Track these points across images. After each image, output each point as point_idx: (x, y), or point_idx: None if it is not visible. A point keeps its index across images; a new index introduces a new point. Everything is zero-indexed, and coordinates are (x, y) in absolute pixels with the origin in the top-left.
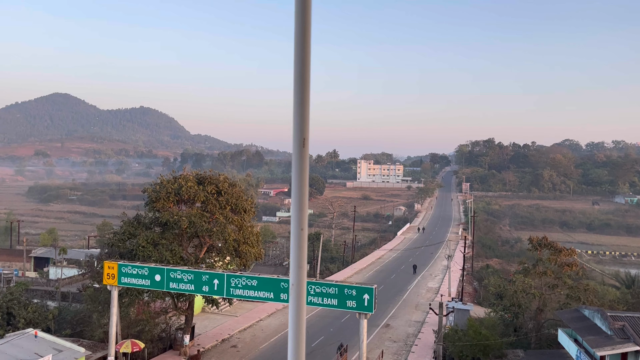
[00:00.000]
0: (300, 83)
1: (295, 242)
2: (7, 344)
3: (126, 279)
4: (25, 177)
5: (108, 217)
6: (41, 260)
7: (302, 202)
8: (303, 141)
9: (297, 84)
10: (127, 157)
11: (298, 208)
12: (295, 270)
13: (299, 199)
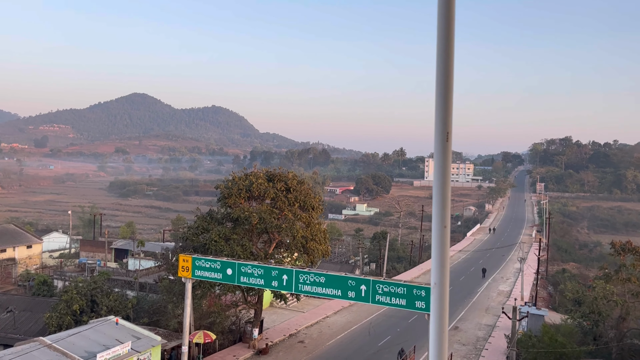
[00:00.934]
0: (443, 74)
1: (437, 240)
2: (91, 329)
3: (199, 272)
4: (106, 172)
5: (182, 212)
6: (121, 252)
7: (444, 198)
8: (447, 135)
9: (440, 76)
10: (200, 154)
11: (440, 205)
12: (438, 270)
13: (441, 195)
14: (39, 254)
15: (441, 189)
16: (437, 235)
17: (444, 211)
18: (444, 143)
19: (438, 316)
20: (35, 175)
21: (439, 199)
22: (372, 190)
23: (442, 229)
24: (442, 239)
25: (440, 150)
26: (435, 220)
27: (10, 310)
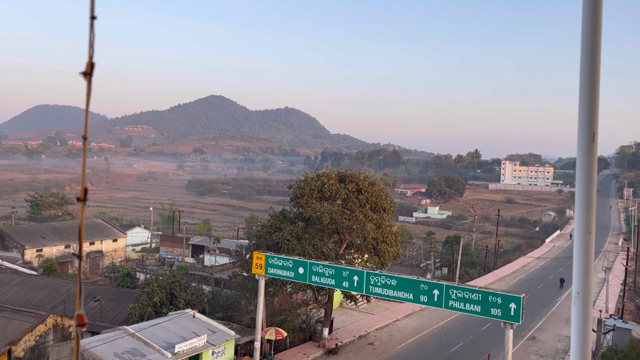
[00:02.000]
0: (589, 72)
1: (580, 247)
2: (170, 321)
3: (272, 269)
4: (185, 171)
5: (255, 211)
6: (197, 248)
7: (589, 202)
8: (592, 136)
9: (584, 74)
10: (272, 154)
11: (585, 209)
12: (580, 278)
13: (585, 200)
14: (123, 248)
15: (585, 194)
16: (581, 242)
17: (588, 217)
18: (590, 144)
19: (580, 328)
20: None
21: (583, 203)
22: (444, 193)
23: (586, 235)
24: (585, 246)
25: (585, 151)
26: (579, 227)
27: (98, 300)
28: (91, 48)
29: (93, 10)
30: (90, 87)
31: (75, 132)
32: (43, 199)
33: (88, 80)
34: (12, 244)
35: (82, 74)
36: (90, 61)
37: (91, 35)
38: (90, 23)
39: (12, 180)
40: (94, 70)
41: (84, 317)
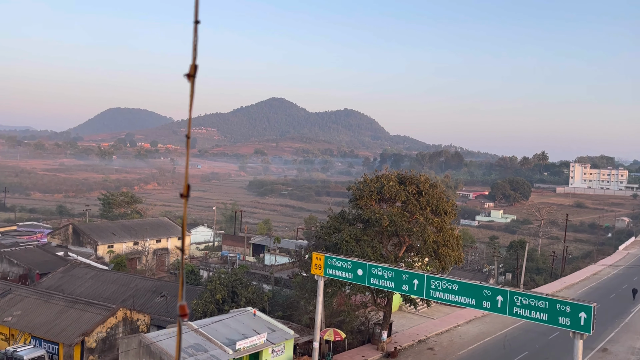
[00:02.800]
0: None
1: None
2: (232, 318)
3: (331, 270)
4: (246, 172)
5: (314, 212)
6: (258, 247)
7: None
8: None
9: None
10: (331, 156)
11: None
12: None
13: None
14: (187, 246)
15: None
16: None
17: None
18: None
19: None
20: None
21: None
22: (509, 196)
23: None
24: None
25: None
26: None
27: (164, 296)
28: (195, 51)
29: (197, 15)
30: (194, 88)
31: (143, 134)
32: (114, 198)
33: (191, 82)
34: (86, 240)
35: (186, 75)
36: (193, 63)
37: (195, 39)
38: (195, 27)
39: (86, 180)
40: (197, 72)
41: (186, 308)
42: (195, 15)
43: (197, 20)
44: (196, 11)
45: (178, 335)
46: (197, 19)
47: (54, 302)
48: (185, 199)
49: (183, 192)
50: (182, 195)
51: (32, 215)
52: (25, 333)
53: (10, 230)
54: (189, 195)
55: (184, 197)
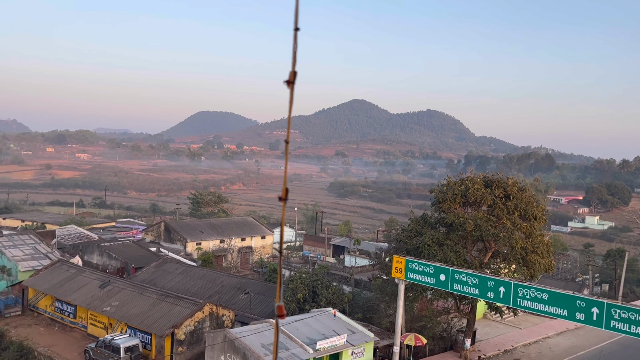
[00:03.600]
0: None
1: None
2: (312, 318)
3: (412, 274)
4: (327, 174)
5: (394, 214)
6: (338, 248)
7: None
8: None
9: None
10: (413, 158)
11: None
12: None
13: None
14: (270, 245)
15: None
16: None
17: None
18: None
19: None
20: (269, 175)
21: None
22: (605, 202)
23: None
24: None
25: None
26: None
27: (247, 293)
28: (294, 58)
29: (297, 22)
30: (293, 94)
31: (230, 136)
32: (202, 197)
33: (291, 88)
34: (177, 237)
35: (285, 82)
36: (293, 70)
37: (294, 46)
38: (294, 35)
39: (177, 180)
40: (296, 78)
41: (283, 308)
42: (295, 23)
43: (296, 27)
44: (296, 18)
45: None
46: (296, 26)
47: (148, 295)
48: (283, 202)
49: (282, 196)
50: (280, 198)
51: (128, 212)
52: (121, 323)
53: (110, 226)
54: (287, 199)
55: (282, 200)
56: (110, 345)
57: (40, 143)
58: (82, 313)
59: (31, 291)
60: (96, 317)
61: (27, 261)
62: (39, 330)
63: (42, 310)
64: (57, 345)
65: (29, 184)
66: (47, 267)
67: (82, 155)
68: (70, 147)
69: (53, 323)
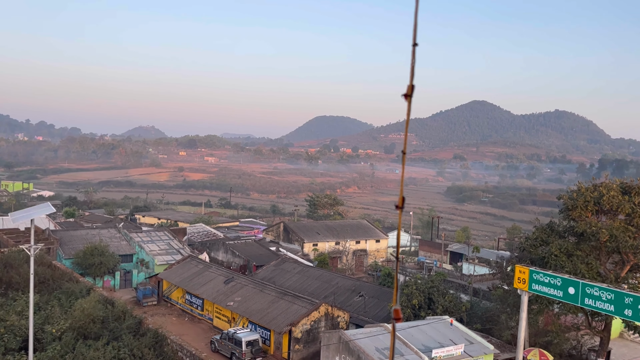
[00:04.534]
0: None
1: None
2: (428, 325)
3: (537, 286)
4: (444, 178)
5: (517, 221)
6: (455, 255)
7: None
8: None
9: None
10: (539, 162)
11: None
12: None
13: None
14: (385, 248)
15: None
16: None
17: None
18: None
19: None
20: (383, 178)
21: None
22: None
23: None
24: None
25: None
26: None
27: (362, 295)
28: (412, 73)
29: (415, 38)
30: (410, 107)
31: (346, 140)
32: (319, 200)
33: (408, 101)
34: (294, 237)
35: (403, 95)
36: (410, 84)
37: (412, 61)
38: (413, 50)
39: (295, 182)
40: (414, 92)
41: (400, 312)
42: (413, 39)
43: (415, 43)
44: (414, 35)
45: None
46: (415, 42)
47: (267, 292)
48: (400, 211)
49: (398, 204)
50: (397, 206)
51: (250, 212)
52: (243, 317)
53: (234, 225)
54: (403, 207)
55: (399, 208)
56: (233, 338)
57: (174, 147)
58: (208, 306)
59: (165, 283)
60: (221, 310)
61: (162, 255)
62: (172, 320)
63: (174, 302)
64: (186, 335)
65: (164, 185)
66: (179, 262)
67: (210, 158)
68: (200, 151)
69: (183, 314)
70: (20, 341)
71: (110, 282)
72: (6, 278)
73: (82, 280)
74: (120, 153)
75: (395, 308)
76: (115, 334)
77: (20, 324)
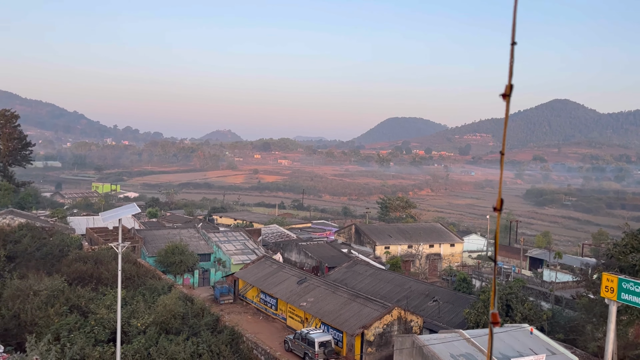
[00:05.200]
0: None
1: None
2: (506, 333)
3: (627, 295)
4: (523, 180)
5: (604, 226)
6: (535, 261)
7: None
8: None
9: None
10: (628, 163)
11: None
12: None
13: None
14: (460, 253)
15: None
16: None
17: None
18: None
19: None
20: (458, 181)
21: None
22: None
23: None
24: None
25: None
26: None
27: (436, 300)
28: (511, 72)
29: (514, 37)
30: (509, 107)
31: (419, 141)
32: (391, 202)
33: (507, 101)
34: (366, 240)
35: (501, 95)
36: (509, 84)
37: (511, 60)
38: (511, 49)
39: (366, 185)
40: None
41: (498, 316)
42: (512, 37)
43: (513, 42)
44: (513, 33)
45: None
46: (513, 41)
47: (339, 294)
48: (498, 213)
49: (496, 206)
50: (495, 208)
51: (322, 214)
52: (316, 318)
53: (306, 226)
54: (501, 209)
55: (497, 210)
56: (306, 338)
57: (250, 150)
58: (282, 306)
59: (241, 282)
60: (294, 310)
61: (238, 255)
62: (247, 318)
63: (249, 300)
64: (261, 333)
65: (240, 186)
66: (254, 262)
67: (283, 161)
68: (273, 153)
69: (258, 313)
70: (109, 333)
71: (189, 280)
72: (97, 274)
73: (164, 278)
74: (199, 156)
75: (493, 312)
76: (194, 329)
77: (109, 317)
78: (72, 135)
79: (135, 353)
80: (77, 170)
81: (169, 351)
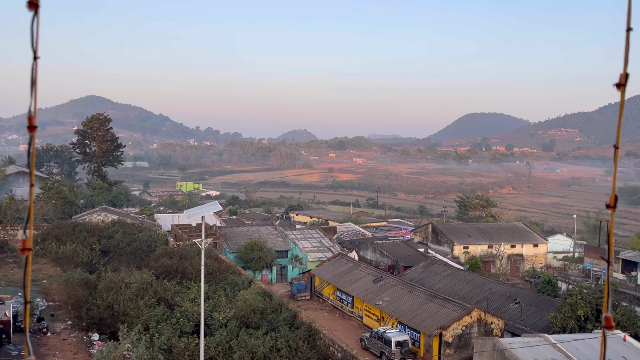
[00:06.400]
0: None
1: None
2: (595, 340)
3: None
4: None
5: None
6: (629, 264)
7: None
8: None
9: None
10: None
11: None
12: None
13: None
14: (544, 254)
15: None
16: None
17: None
18: None
19: None
20: (542, 178)
21: None
22: None
23: None
24: None
25: None
26: None
27: (518, 303)
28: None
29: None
30: (624, 97)
31: (499, 137)
32: (469, 201)
33: (622, 91)
34: (444, 239)
35: (615, 85)
36: (624, 72)
37: (627, 47)
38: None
39: (444, 183)
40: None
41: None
42: (627, 23)
43: (629, 27)
44: (628, 19)
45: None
46: (629, 27)
47: (416, 294)
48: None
49: (609, 203)
50: (608, 205)
51: (398, 213)
52: (392, 317)
53: (381, 225)
54: (615, 207)
55: (610, 208)
56: (383, 337)
57: (324, 149)
58: (358, 304)
59: (317, 279)
60: (370, 309)
61: (314, 252)
62: (323, 315)
63: (325, 297)
64: (337, 331)
65: (315, 185)
66: (330, 259)
67: (358, 159)
68: (348, 152)
69: (334, 310)
70: (193, 325)
71: (268, 275)
72: (181, 268)
73: (244, 273)
74: (276, 155)
75: (607, 315)
76: (273, 324)
77: (193, 310)
78: (158, 136)
79: (217, 345)
80: (162, 169)
81: (249, 345)
